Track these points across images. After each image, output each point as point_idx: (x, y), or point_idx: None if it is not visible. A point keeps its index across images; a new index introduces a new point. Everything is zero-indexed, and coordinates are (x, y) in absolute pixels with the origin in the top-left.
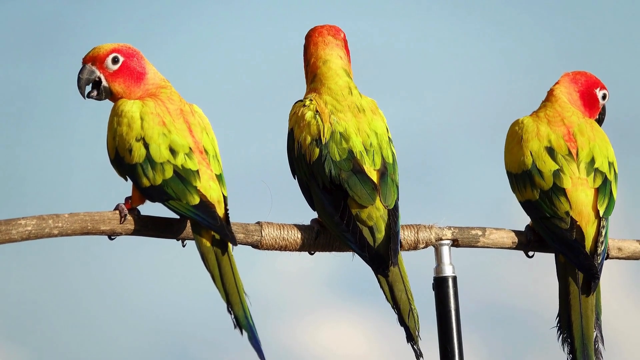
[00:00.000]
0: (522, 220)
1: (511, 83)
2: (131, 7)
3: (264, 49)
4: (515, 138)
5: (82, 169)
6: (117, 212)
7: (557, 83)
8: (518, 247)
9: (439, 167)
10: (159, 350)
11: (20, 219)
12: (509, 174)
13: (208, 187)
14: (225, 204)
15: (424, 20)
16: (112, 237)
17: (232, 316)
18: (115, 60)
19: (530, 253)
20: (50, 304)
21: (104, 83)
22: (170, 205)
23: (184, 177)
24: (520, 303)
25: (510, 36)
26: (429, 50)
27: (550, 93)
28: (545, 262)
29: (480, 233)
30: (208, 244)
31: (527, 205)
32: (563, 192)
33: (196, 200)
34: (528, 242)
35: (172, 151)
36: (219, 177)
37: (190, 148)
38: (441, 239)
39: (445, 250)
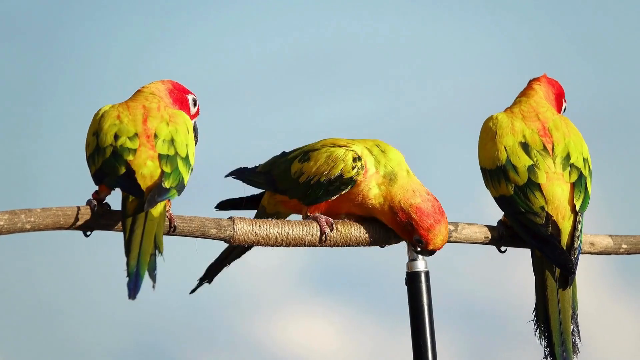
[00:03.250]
0: (495, 215)
1: (487, 79)
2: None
3: (255, 47)
4: (489, 134)
5: (56, 164)
6: (89, 207)
7: (537, 80)
8: (491, 242)
9: (412, 161)
10: (134, 347)
11: None
12: (483, 169)
13: (142, 164)
14: (161, 178)
15: (404, 13)
16: (88, 234)
17: (126, 267)
18: None
19: (503, 248)
20: (21, 300)
21: None
22: (106, 182)
23: (117, 154)
24: (493, 297)
25: (487, 33)
26: (407, 43)
27: (529, 87)
28: (518, 257)
29: (452, 228)
30: (129, 212)
31: (502, 201)
32: (538, 187)
33: (122, 170)
34: (500, 237)
35: (116, 137)
36: (167, 158)
37: (136, 133)
38: None
39: None
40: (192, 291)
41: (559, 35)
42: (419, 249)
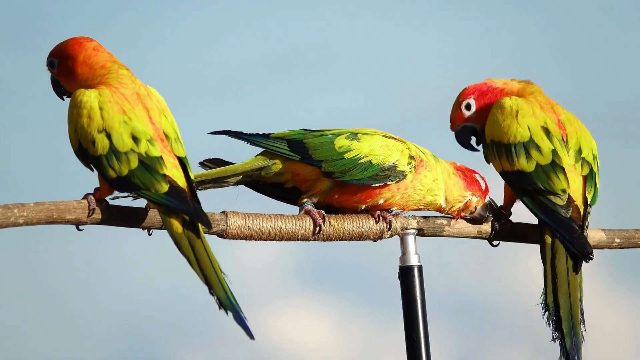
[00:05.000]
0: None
1: (477, 68)
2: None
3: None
4: (508, 110)
5: (49, 157)
6: (83, 201)
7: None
8: (483, 236)
9: None
10: (124, 345)
11: None
12: (495, 143)
13: (172, 175)
14: (192, 187)
15: (394, 9)
16: (80, 228)
17: (215, 298)
18: (52, 65)
19: (495, 242)
20: (10, 297)
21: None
22: (141, 194)
23: (149, 166)
24: (486, 292)
25: (472, 24)
26: (397, 37)
27: (532, 87)
28: (511, 251)
29: (445, 222)
30: (180, 229)
31: (517, 175)
32: (562, 170)
33: (165, 187)
34: (494, 231)
35: (135, 139)
36: (184, 160)
37: (150, 135)
38: (407, 229)
39: (410, 239)
40: None
41: (542, 32)
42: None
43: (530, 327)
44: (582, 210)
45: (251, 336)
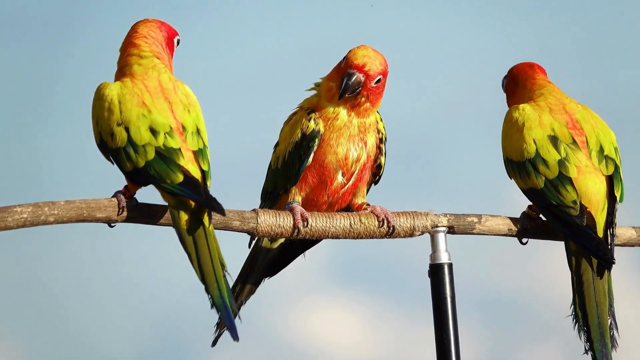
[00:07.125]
0: (519, 205)
1: (492, 68)
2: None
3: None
4: (515, 125)
5: (78, 156)
6: (113, 199)
7: (543, 72)
8: (513, 234)
9: (436, 153)
10: (154, 339)
11: (16, 207)
12: (509, 160)
13: (188, 166)
14: (205, 180)
15: (422, 4)
16: (112, 225)
17: (209, 297)
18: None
19: (524, 240)
20: (45, 291)
21: None
22: (157, 185)
23: (166, 157)
24: (516, 289)
25: (506, 22)
26: (426, 34)
27: (548, 81)
28: (541, 249)
29: (476, 220)
30: (186, 226)
31: (531, 193)
32: (569, 181)
33: (180, 178)
34: (524, 229)
35: (153, 131)
36: (200, 153)
37: (170, 127)
38: (437, 226)
39: (441, 237)
40: (214, 343)
41: (560, 31)
42: (345, 81)
43: (562, 324)
44: (604, 213)
45: (235, 338)
